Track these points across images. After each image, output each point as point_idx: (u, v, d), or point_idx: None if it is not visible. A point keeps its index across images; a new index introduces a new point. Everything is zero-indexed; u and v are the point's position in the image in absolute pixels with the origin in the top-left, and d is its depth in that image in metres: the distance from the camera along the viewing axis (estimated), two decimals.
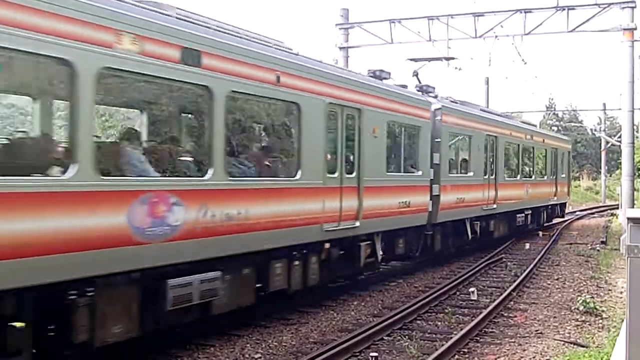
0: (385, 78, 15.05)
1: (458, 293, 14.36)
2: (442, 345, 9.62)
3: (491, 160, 20.60)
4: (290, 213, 10.68)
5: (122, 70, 7.77)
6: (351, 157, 12.59)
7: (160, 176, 8.59)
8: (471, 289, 14.12)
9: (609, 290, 15.00)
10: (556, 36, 27.23)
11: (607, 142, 55.47)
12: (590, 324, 11.62)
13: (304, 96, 11.07)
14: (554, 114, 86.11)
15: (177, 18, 8.87)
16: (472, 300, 13.55)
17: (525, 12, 26.34)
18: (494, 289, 14.78)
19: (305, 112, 11.07)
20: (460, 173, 18.89)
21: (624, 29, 25.38)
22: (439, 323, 11.65)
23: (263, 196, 10.01)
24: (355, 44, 29.52)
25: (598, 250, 21.70)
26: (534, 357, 9.53)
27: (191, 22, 9.14)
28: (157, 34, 8.08)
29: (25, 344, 6.95)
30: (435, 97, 17.79)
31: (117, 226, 7.46)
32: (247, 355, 9.39)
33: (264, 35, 11.01)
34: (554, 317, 12.10)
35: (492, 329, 11.19)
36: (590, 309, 12.39)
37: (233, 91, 9.41)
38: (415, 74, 18.94)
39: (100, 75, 7.38)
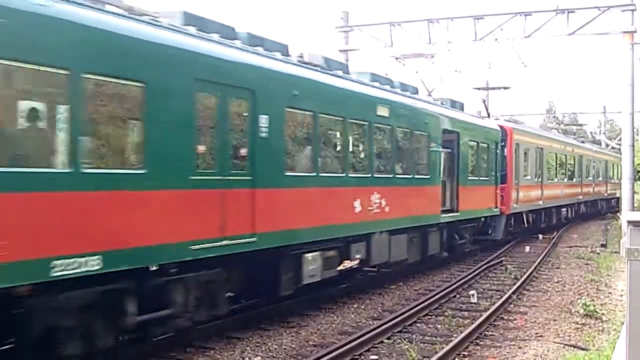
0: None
1: (458, 296, 14.37)
2: (442, 348, 9.62)
3: (611, 172, 45.67)
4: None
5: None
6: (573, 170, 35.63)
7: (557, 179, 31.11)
8: (471, 292, 14.13)
9: (609, 293, 14.99)
10: (556, 39, 27.17)
11: (607, 145, 55.51)
12: (590, 327, 11.62)
13: None
14: (554, 117, 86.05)
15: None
16: (472, 303, 13.56)
17: (525, 15, 26.23)
18: (494, 291, 14.79)
19: None
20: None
21: (624, 32, 25.30)
22: (439, 326, 11.66)
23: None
24: (355, 46, 29.46)
25: (598, 253, 21.72)
26: None
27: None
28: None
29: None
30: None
31: (558, 195, 30.67)
32: (247, 358, 9.39)
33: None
34: (554, 320, 12.10)
35: (492, 331, 11.21)
36: (590, 311, 12.40)
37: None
38: (582, 139, 45.22)
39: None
